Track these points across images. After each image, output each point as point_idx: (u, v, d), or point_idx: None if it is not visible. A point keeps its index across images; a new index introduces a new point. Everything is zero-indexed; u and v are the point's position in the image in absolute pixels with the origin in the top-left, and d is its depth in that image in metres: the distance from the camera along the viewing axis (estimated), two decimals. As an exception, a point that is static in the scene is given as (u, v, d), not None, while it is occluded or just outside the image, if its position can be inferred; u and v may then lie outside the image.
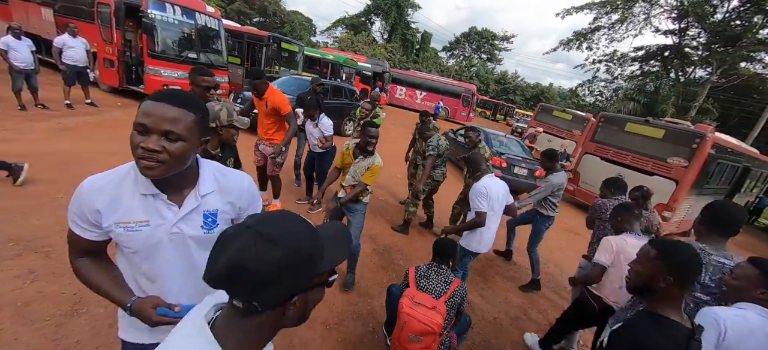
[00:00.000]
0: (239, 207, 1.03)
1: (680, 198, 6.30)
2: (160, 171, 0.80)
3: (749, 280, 1.35)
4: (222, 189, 0.98)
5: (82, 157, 4.24)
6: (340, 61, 16.42)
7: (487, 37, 44.18)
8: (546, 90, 44.42)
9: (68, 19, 7.31)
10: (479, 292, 3.42)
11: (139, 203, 0.87)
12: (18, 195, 3.13)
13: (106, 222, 0.86)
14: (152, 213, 0.88)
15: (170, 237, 0.91)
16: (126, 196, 0.87)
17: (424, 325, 1.77)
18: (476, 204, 2.57)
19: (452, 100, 22.06)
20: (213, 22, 8.39)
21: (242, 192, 1.02)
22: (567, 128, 11.85)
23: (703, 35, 17.64)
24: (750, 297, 1.33)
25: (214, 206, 0.96)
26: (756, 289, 1.32)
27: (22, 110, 5.56)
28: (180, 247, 0.94)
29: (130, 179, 0.87)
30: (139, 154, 0.78)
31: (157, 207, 0.88)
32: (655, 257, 1.18)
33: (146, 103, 0.80)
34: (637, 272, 1.25)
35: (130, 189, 0.87)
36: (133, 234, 0.88)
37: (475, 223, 2.59)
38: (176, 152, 0.81)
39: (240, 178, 1.03)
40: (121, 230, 0.87)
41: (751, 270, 1.36)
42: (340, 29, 40.63)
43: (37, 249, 2.53)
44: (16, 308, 2.01)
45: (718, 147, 6.61)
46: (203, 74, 2.44)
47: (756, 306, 1.30)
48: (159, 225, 0.89)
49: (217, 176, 0.97)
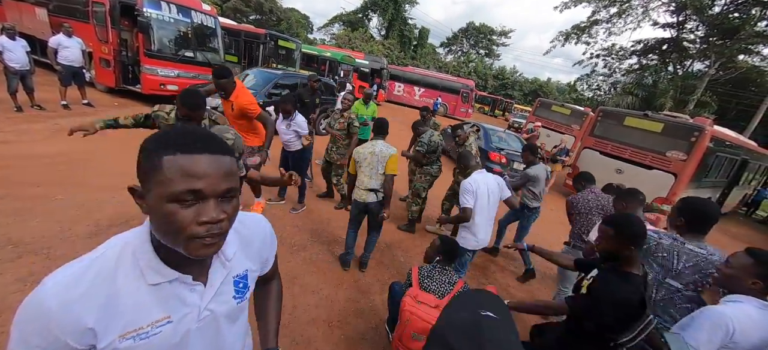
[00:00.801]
0: (265, 259, 0.87)
1: (679, 192, 6.32)
2: (219, 245, 0.61)
3: (744, 269, 1.38)
4: (243, 241, 0.78)
5: (80, 158, 4.21)
6: (337, 58, 16.35)
7: (485, 32, 44.07)
8: (544, 85, 44.38)
9: (63, 19, 7.23)
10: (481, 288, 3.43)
11: (150, 297, 0.62)
12: (16, 198, 3.11)
13: (106, 340, 0.58)
14: (173, 304, 0.65)
15: (199, 325, 0.69)
16: (127, 293, 0.60)
17: (427, 323, 1.77)
18: (462, 199, 2.63)
19: (451, 96, 22.03)
20: (209, 20, 8.33)
21: (266, 238, 0.85)
22: (566, 123, 11.85)
23: (701, 28, 17.66)
24: (742, 286, 1.36)
25: (243, 267, 0.77)
26: (749, 278, 1.35)
27: (18, 111, 5.51)
28: (209, 331, 0.72)
29: (126, 266, 0.61)
30: (202, 232, 0.57)
31: (178, 294, 0.65)
32: (614, 234, 1.47)
33: (189, 159, 0.56)
34: (604, 248, 1.54)
35: (132, 280, 0.61)
36: (150, 340, 0.62)
37: (459, 218, 2.65)
38: (234, 213, 0.62)
39: (258, 222, 0.85)
40: (130, 342, 0.60)
41: (746, 259, 1.39)
42: (337, 26, 40.47)
43: (36, 252, 2.52)
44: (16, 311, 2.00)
45: (717, 140, 6.63)
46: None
47: (752, 299, 1.33)
48: (184, 316, 0.66)
49: (236, 227, 0.75)
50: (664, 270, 1.71)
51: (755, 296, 1.33)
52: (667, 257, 1.71)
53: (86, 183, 3.63)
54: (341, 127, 4.12)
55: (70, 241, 2.71)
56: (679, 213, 1.75)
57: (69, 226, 2.87)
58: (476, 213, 2.61)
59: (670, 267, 1.69)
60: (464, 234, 2.71)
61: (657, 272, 1.73)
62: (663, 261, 1.72)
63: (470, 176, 2.72)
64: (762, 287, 1.33)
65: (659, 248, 1.74)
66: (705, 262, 1.62)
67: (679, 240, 1.70)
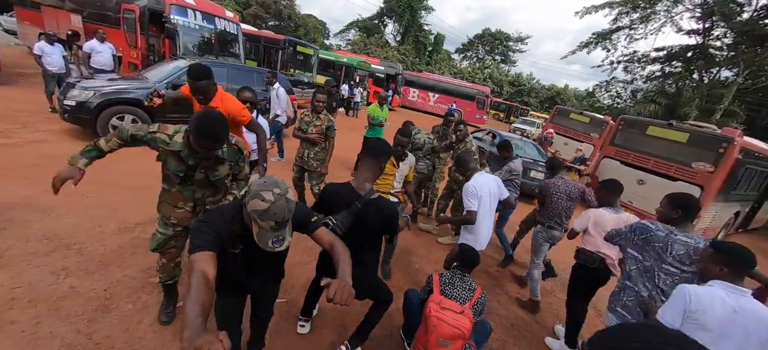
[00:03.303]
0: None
1: (705, 205, 6.05)
2: None
3: (710, 260, 1.59)
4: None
5: (112, 157, 4.40)
6: (353, 64, 16.56)
7: (501, 38, 43.73)
8: (561, 91, 43.54)
9: (96, 26, 7.65)
10: (495, 298, 3.38)
11: None
12: (50, 194, 3.27)
13: None
14: None
15: None
16: None
17: (455, 329, 1.77)
18: (466, 203, 2.64)
19: (466, 102, 21.90)
20: (232, 26, 8.63)
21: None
22: (584, 131, 11.55)
23: (729, 35, 16.95)
24: (713, 274, 1.56)
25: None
26: (716, 267, 1.55)
27: (53, 112, 5.83)
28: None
29: None
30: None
31: None
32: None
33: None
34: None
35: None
36: None
37: (464, 220, 2.68)
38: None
39: None
40: None
41: (708, 251, 1.62)
42: (353, 32, 41.00)
43: (69, 246, 2.65)
44: (51, 303, 2.11)
45: (747, 151, 6.33)
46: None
47: (722, 283, 1.51)
48: None
49: None
50: (660, 259, 1.92)
51: (724, 281, 1.51)
52: (662, 247, 1.91)
53: (112, 183, 3.80)
54: (319, 131, 3.65)
55: (99, 237, 2.84)
56: (673, 205, 1.97)
57: (99, 223, 3.01)
58: (478, 216, 2.65)
59: (665, 257, 1.90)
60: (466, 236, 2.74)
61: (654, 260, 1.94)
62: (660, 250, 1.92)
63: (473, 179, 2.74)
64: (728, 272, 1.52)
65: (656, 238, 1.94)
66: (693, 250, 1.84)
67: (672, 232, 1.91)
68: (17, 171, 3.65)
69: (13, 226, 2.73)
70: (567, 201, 3.20)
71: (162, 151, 1.79)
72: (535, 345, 2.85)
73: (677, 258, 1.86)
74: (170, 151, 1.76)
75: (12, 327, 1.90)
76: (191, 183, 1.90)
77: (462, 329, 1.78)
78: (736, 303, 1.44)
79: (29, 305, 2.06)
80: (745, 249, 1.54)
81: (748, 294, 1.46)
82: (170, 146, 1.75)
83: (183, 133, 1.76)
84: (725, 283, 1.49)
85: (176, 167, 1.80)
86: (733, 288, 1.48)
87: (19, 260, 2.40)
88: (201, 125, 1.58)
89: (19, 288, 2.16)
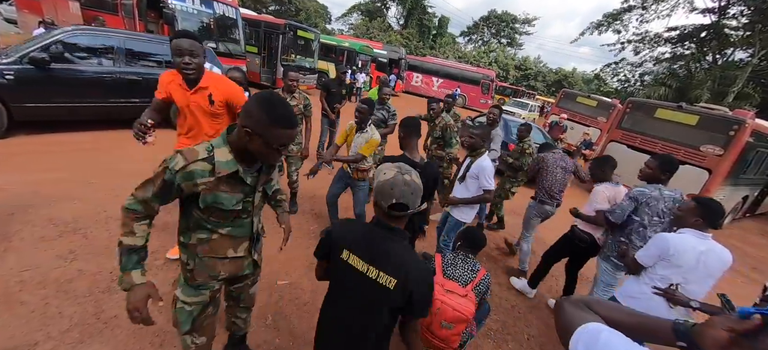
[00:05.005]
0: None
1: (713, 189, 5.97)
2: None
3: (689, 211, 1.86)
4: None
5: (111, 143, 4.45)
6: (355, 49, 16.30)
7: (507, 20, 42.56)
8: (569, 75, 42.59)
9: (95, 12, 7.58)
10: (495, 279, 3.40)
11: None
12: (55, 180, 3.33)
13: None
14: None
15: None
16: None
17: (458, 312, 1.77)
18: (486, 182, 2.60)
19: (470, 86, 21.58)
20: (231, 10, 8.49)
21: None
22: (591, 115, 11.33)
23: (746, 14, 16.31)
24: (687, 223, 1.85)
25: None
26: (692, 217, 1.84)
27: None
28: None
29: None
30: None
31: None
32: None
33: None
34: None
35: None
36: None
37: (483, 199, 2.74)
38: None
39: None
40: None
41: (691, 204, 1.89)
42: (356, 15, 40.22)
43: (75, 231, 2.70)
44: (59, 285, 2.16)
45: (759, 134, 6.19)
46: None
47: (693, 231, 1.82)
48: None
49: None
50: (653, 214, 2.34)
51: (698, 229, 1.82)
52: (655, 205, 2.32)
53: (114, 169, 3.84)
54: (297, 112, 3.27)
55: (104, 222, 2.88)
56: (661, 166, 2.37)
57: (103, 208, 3.05)
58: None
59: (657, 212, 2.33)
60: (467, 210, 2.79)
61: (650, 216, 2.35)
62: (654, 208, 2.33)
63: (486, 159, 2.66)
64: (702, 223, 1.81)
65: (651, 199, 2.33)
66: (673, 202, 2.30)
67: (661, 189, 2.34)
68: (20, 157, 3.71)
69: (20, 212, 2.77)
70: (563, 174, 3.35)
71: (207, 188, 1.17)
72: (535, 326, 2.88)
73: (665, 211, 2.30)
74: (221, 177, 1.18)
75: (22, 308, 1.95)
76: (247, 213, 1.33)
77: (465, 312, 1.78)
78: (705, 246, 1.78)
79: (38, 286, 2.12)
80: (719, 204, 1.86)
81: (710, 238, 1.80)
82: (220, 171, 1.17)
83: (224, 145, 1.19)
84: (695, 231, 1.82)
85: (231, 198, 1.23)
86: (702, 235, 1.81)
87: (28, 244, 2.45)
88: (275, 108, 1.10)
89: (27, 271, 2.21)
